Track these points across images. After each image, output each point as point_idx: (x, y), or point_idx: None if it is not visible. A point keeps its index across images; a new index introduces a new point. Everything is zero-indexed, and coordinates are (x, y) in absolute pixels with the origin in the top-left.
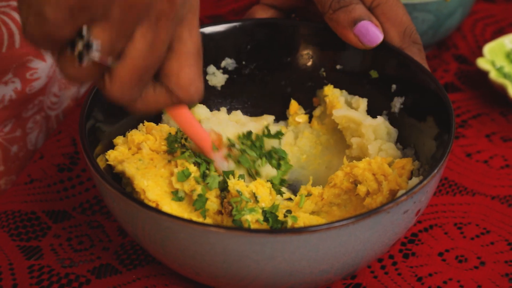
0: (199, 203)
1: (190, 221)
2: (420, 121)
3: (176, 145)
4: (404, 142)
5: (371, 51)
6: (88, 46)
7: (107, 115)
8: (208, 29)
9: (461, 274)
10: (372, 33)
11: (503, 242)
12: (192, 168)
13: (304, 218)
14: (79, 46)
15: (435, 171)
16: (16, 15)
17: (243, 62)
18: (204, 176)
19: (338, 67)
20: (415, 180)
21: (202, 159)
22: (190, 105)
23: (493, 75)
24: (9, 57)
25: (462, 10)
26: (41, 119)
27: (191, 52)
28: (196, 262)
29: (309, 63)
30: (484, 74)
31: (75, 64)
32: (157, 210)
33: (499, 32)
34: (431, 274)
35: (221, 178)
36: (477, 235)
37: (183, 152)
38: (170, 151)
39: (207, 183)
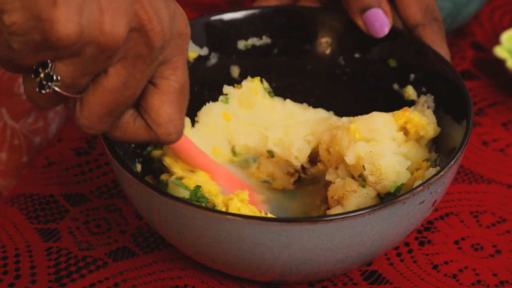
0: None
1: (206, 208)
2: (438, 111)
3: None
4: None
5: (390, 40)
6: (49, 77)
7: None
8: (227, 16)
9: (476, 263)
10: (379, 23)
11: None
12: None
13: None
14: (41, 75)
15: (452, 162)
16: None
17: (261, 50)
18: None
19: (356, 55)
20: (432, 171)
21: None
22: (167, 144)
23: (510, 63)
24: None
25: None
26: (60, 109)
27: (173, 90)
28: (211, 250)
29: (328, 51)
30: (501, 62)
31: (36, 90)
32: (173, 197)
33: None
34: (447, 262)
35: None
36: (493, 224)
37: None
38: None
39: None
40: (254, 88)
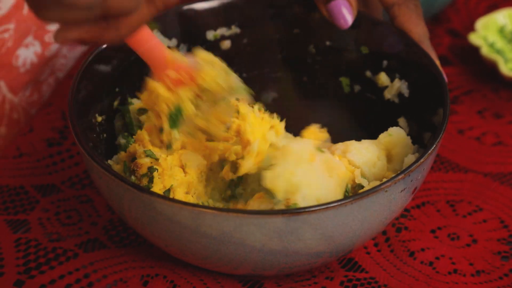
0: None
1: (182, 202)
2: (414, 98)
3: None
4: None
5: (361, 27)
6: None
7: (97, 90)
8: (198, 5)
9: (453, 252)
10: (342, 16)
11: (495, 220)
12: None
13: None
14: None
15: (432, 149)
16: None
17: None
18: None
19: (327, 43)
20: (411, 158)
21: None
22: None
23: (485, 50)
24: (29, 20)
25: None
26: (53, 82)
27: None
28: (188, 243)
29: (298, 40)
30: (475, 49)
31: None
32: (147, 191)
33: (493, 7)
34: (424, 249)
35: None
36: (469, 213)
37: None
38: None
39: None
40: None
